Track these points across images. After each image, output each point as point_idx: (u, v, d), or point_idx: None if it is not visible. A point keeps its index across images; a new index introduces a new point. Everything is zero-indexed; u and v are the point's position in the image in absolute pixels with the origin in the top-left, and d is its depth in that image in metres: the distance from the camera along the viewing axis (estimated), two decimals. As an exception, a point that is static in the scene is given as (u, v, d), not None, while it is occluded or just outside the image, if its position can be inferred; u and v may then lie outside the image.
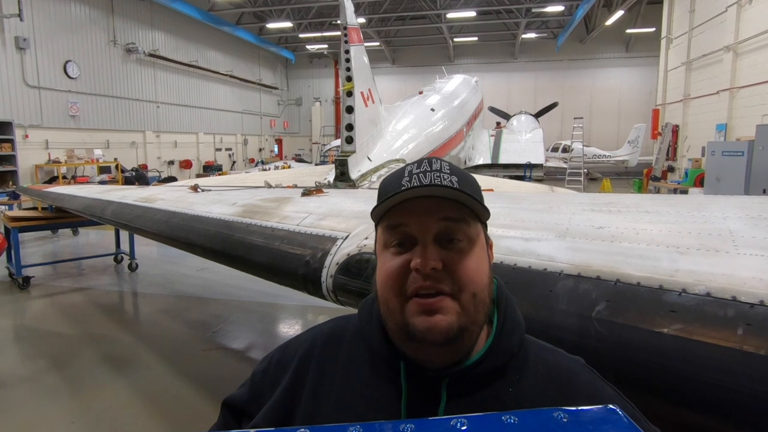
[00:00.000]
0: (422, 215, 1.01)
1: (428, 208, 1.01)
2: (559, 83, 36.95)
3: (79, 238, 13.96)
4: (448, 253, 1.00)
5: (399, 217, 1.03)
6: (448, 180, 1.02)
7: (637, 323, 1.52)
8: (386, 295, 1.04)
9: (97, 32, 22.20)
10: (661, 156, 20.70)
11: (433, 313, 0.97)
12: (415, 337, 0.99)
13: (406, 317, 1.00)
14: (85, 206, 6.57)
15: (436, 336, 0.97)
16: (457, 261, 1.00)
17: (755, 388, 1.28)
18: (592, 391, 1.04)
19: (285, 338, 1.31)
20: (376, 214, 1.08)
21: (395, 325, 1.02)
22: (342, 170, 6.89)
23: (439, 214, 1.01)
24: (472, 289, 1.00)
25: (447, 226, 1.01)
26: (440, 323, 0.97)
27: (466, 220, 1.03)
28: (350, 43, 7.15)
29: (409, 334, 0.99)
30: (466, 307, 0.99)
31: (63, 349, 6.22)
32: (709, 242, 1.80)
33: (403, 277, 1.00)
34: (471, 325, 1.00)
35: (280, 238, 3.16)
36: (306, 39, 36.17)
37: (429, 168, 1.04)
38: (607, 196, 2.90)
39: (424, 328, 0.97)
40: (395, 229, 1.03)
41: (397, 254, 1.03)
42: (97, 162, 20.22)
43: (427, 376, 1.04)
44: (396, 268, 1.01)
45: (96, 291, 8.81)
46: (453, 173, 1.05)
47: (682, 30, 20.44)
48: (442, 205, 1.01)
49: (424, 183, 1.01)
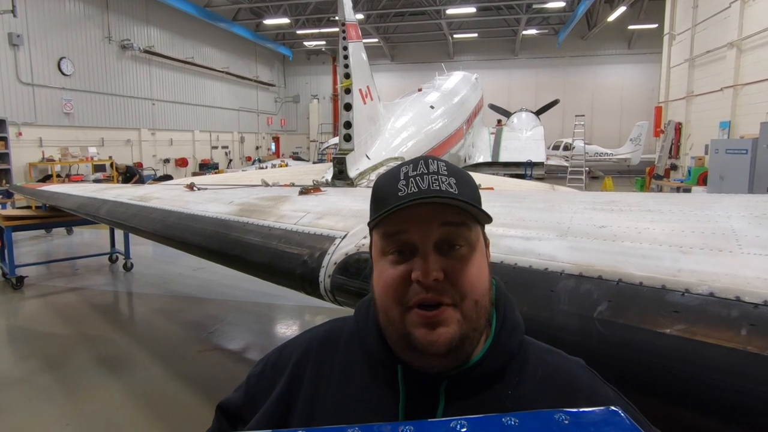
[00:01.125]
0: (422, 222, 0.98)
1: (428, 215, 0.98)
2: (560, 80, 36.97)
3: (73, 238, 13.94)
4: (449, 261, 0.98)
5: (397, 224, 1.00)
6: (447, 183, 0.99)
7: (640, 324, 1.52)
8: (386, 304, 1.01)
9: (91, 28, 22.19)
10: (664, 154, 20.72)
11: (435, 326, 0.96)
12: (417, 349, 0.98)
13: (407, 327, 0.98)
14: (79, 205, 6.56)
15: (438, 348, 0.96)
16: (459, 270, 0.98)
17: (759, 390, 1.27)
18: (592, 392, 1.03)
19: (282, 339, 1.31)
20: (372, 222, 1.05)
21: (395, 333, 1.01)
22: (340, 168, 6.88)
23: (440, 220, 0.98)
24: (474, 297, 0.99)
25: (448, 232, 0.99)
26: (443, 336, 0.96)
27: (467, 224, 1.01)
28: (348, 39, 7.14)
29: (410, 344, 0.98)
30: (467, 315, 0.98)
31: (57, 350, 6.21)
32: (712, 242, 1.80)
33: (403, 287, 0.98)
34: (472, 332, 0.99)
35: (277, 238, 3.15)
36: (303, 35, 36.13)
37: (426, 170, 1.01)
38: (608, 194, 2.89)
39: (427, 341, 0.96)
40: (393, 236, 1.00)
41: (397, 262, 1.00)
42: (92, 160, 20.21)
43: (425, 379, 1.03)
44: (396, 278, 0.99)
45: (90, 291, 8.80)
46: (451, 174, 1.02)
47: (685, 26, 20.44)
48: (442, 210, 0.98)
49: (422, 188, 0.98)
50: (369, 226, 1.07)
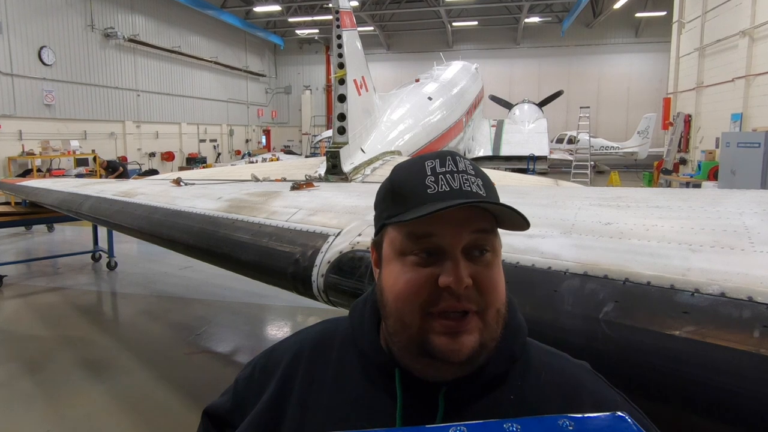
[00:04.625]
0: (456, 226, 0.96)
1: (462, 219, 0.96)
2: (564, 70, 36.97)
3: (54, 235, 13.91)
4: (477, 268, 0.96)
5: (428, 226, 0.96)
6: (476, 184, 0.99)
7: (647, 325, 1.52)
8: (402, 309, 0.98)
9: (73, 16, 22.08)
10: (673, 148, 20.75)
11: (459, 335, 0.95)
12: (434, 356, 0.96)
13: (425, 334, 0.96)
14: (60, 201, 6.55)
15: (460, 357, 0.95)
16: (487, 277, 0.97)
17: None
18: (598, 397, 1.03)
19: (273, 341, 1.30)
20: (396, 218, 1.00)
21: (409, 340, 0.98)
22: (334, 163, 6.87)
23: (474, 226, 0.97)
24: (497, 306, 0.99)
25: (479, 238, 0.97)
26: (466, 345, 0.95)
27: (495, 231, 1.00)
28: (342, 27, 7.12)
29: (426, 351, 0.96)
30: (489, 324, 0.97)
31: (37, 352, 6.19)
32: (723, 239, 1.80)
33: (428, 293, 0.95)
34: (490, 341, 0.99)
35: (268, 235, 3.15)
36: (295, 23, 36.05)
37: (455, 168, 1.00)
38: (615, 190, 2.89)
39: (449, 350, 0.94)
40: (422, 239, 0.97)
41: (421, 265, 0.97)
42: (74, 154, 20.12)
43: (424, 385, 1.02)
44: (421, 283, 0.96)
45: (72, 291, 8.77)
46: (477, 175, 1.01)
47: (695, 14, 20.44)
48: (476, 215, 0.97)
49: (454, 187, 0.97)
50: (382, 218, 1.05)
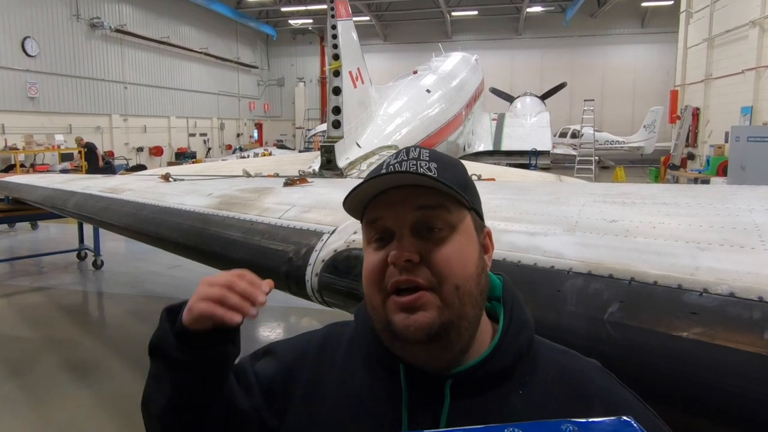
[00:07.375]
0: (395, 206, 1.03)
1: (400, 198, 1.03)
2: (567, 62, 36.97)
3: (38, 233, 13.88)
4: (427, 244, 1.02)
5: (375, 211, 1.06)
6: (426, 167, 1.04)
7: (654, 326, 1.52)
8: (369, 292, 1.07)
9: (58, 5, 22.02)
10: (680, 142, 20.77)
11: (413, 311, 0.99)
12: (398, 336, 1.01)
13: (387, 315, 1.02)
14: (45, 197, 6.53)
15: (416, 334, 0.99)
16: (435, 251, 1.01)
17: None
18: (608, 396, 1.04)
19: (264, 343, 1.31)
20: (351, 211, 1.11)
21: (380, 323, 1.05)
22: (328, 158, 6.86)
23: (414, 203, 1.03)
24: (453, 281, 1.01)
25: (424, 215, 1.03)
26: (419, 320, 0.99)
27: (446, 207, 1.04)
28: (337, 17, 7.10)
29: (392, 332, 1.02)
30: (448, 300, 1.00)
31: (21, 354, 6.19)
32: (733, 237, 1.80)
33: (382, 273, 1.03)
34: (458, 320, 1.01)
35: (260, 233, 3.15)
36: (288, 13, 36.01)
37: (406, 157, 1.07)
38: (620, 186, 2.90)
39: (403, 326, 0.99)
40: (373, 224, 1.07)
41: (378, 249, 1.06)
42: (59, 149, 20.09)
43: (429, 379, 1.05)
44: (376, 264, 1.04)
45: (57, 291, 8.76)
46: (432, 159, 1.07)
47: (703, 3, 20.45)
48: (417, 193, 1.03)
49: (397, 170, 1.04)
50: (355, 216, 1.13)
